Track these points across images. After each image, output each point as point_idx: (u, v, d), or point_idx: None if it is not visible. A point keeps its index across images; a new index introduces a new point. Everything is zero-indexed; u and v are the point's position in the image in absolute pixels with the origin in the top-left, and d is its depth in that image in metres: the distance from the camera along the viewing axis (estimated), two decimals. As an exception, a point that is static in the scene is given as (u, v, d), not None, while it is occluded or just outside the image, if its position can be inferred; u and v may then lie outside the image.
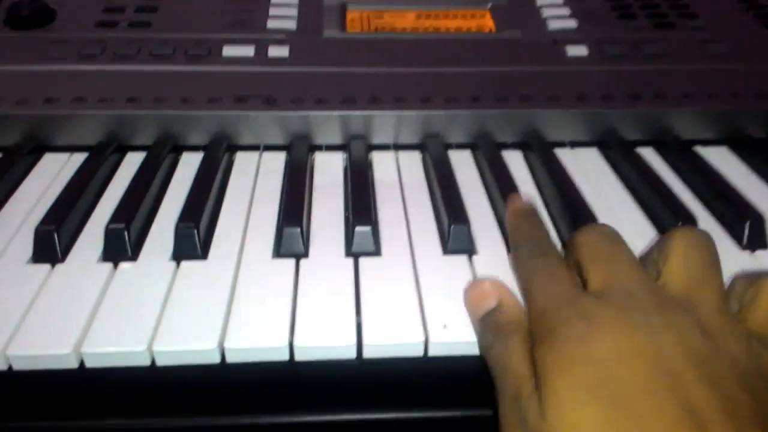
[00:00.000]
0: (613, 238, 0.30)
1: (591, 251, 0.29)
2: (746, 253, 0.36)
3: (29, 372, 0.29)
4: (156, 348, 0.29)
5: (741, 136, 0.46)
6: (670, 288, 0.26)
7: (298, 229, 0.35)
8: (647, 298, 0.25)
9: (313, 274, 0.33)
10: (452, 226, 0.36)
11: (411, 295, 0.32)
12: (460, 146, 0.47)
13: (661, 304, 0.25)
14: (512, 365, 0.26)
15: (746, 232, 0.36)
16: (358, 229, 0.35)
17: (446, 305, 0.31)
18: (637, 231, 0.37)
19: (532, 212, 0.35)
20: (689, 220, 0.36)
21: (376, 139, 0.46)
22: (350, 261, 0.34)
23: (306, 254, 0.35)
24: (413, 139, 0.46)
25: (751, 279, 0.28)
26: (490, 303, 0.29)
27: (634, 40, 0.52)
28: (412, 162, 0.45)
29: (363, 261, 0.34)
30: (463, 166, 0.44)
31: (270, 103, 0.44)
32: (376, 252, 0.35)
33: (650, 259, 0.29)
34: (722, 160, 0.45)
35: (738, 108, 0.45)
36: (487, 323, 0.29)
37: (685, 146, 0.45)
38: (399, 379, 0.30)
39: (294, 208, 0.37)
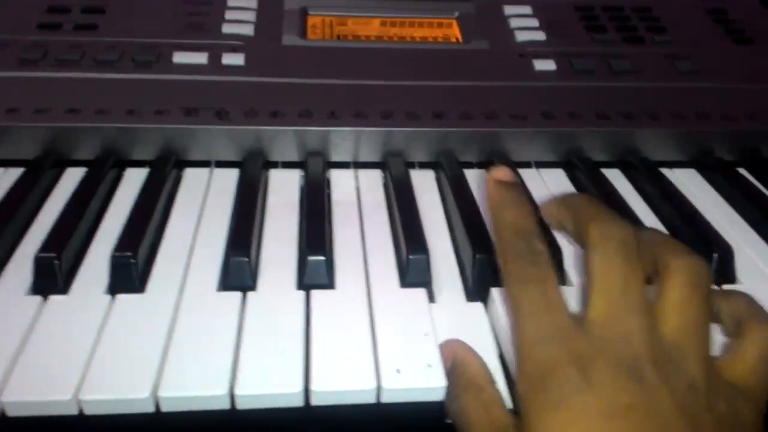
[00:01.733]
0: (630, 252, 0.27)
1: (604, 272, 0.26)
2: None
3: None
4: (83, 397, 0.26)
5: (709, 159, 0.45)
6: (663, 330, 0.25)
7: (246, 259, 0.32)
8: (644, 349, 0.25)
9: (260, 309, 0.31)
10: (410, 257, 0.34)
11: (364, 335, 0.30)
12: (423, 165, 0.45)
13: (656, 357, 0.24)
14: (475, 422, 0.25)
15: (714, 264, 0.35)
16: (310, 258, 0.33)
17: (402, 345, 0.29)
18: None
19: (516, 185, 0.32)
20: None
21: (335, 156, 0.44)
22: (302, 294, 0.32)
23: (253, 287, 0.32)
24: (374, 157, 0.44)
25: (735, 313, 0.28)
26: (447, 364, 0.29)
27: (603, 55, 0.51)
28: (373, 181, 0.43)
29: (315, 295, 0.32)
30: (425, 187, 0.42)
31: (221, 116, 0.42)
32: (329, 284, 0.33)
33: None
34: (690, 183, 0.44)
35: (705, 129, 0.44)
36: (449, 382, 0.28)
37: (652, 168, 0.44)
38: (351, 427, 0.28)
39: (242, 234, 0.34)
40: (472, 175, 0.43)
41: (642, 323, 0.25)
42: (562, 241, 0.35)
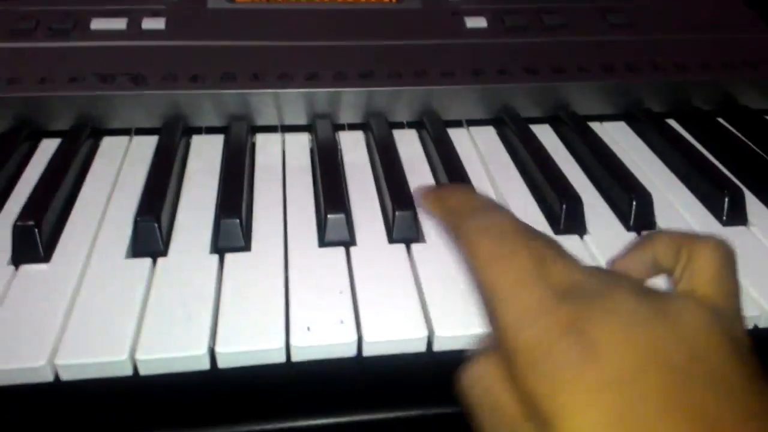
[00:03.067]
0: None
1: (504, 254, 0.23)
2: (632, 235, 0.35)
3: None
4: None
5: (639, 111, 0.45)
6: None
7: (154, 223, 0.32)
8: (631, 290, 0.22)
9: (170, 274, 0.30)
10: (329, 216, 0.33)
11: (277, 295, 0.29)
12: (353, 126, 0.44)
13: (639, 295, 0.22)
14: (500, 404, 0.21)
15: (633, 210, 0.35)
16: (224, 221, 0.32)
17: (315, 303, 0.29)
18: (526, 215, 0.35)
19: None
20: (574, 200, 0.35)
21: (260, 120, 0.43)
22: (215, 258, 0.31)
23: (165, 252, 0.32)
24: (301, 120, 0.43)
25: (668, 250, 0.25)
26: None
27: (536, 10, 0.50)
28: (299, 145, 0.42)
29: (228, 257, 0.31)
30: (355, 148, 0.42)
31: (138, 82, 0.40)
32: (245, 247, 0.32)
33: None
34: (619, 135, 0.44)
35: (634, 81, 0.44)
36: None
37: (580, 122, 0.43)
38: (264, 388, 0.28)
39: (152, 199, 0.33)
40: (401, 135, 0.43)
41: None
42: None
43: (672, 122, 0.45)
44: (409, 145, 0.42)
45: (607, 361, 0.20)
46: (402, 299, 0.29)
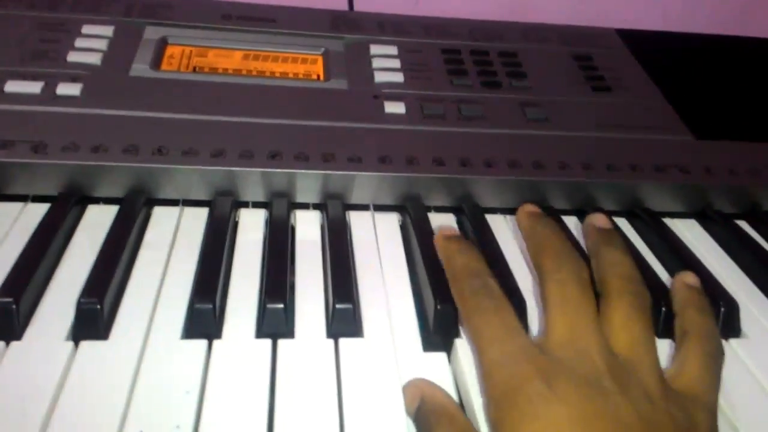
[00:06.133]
0: (582, 280, 0.32)
1: (563, 295, 0.31)
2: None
3: None
4: None
5: (545, 208, 0.45)
6: (615, 346, 0.29)
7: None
8: (602, 364, 0.27)
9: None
10: (195, 306, 0.33)
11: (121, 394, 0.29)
12: (256, 205, 0.44)
13: (614, 371, 0.27)
14: None
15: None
16: (82, 306, 0.32)
17: (155, 403, 0.28)
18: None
19: (461, 237, 0.37)
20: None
21: (161, 194, 0.42)
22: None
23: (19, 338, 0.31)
24: (202, 196, 0.43)
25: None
26: (412, 405, 0.29)
27: (458, 99, 0.51)
28: (196, 222, 0.42)
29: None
30: (251, 228, 0.42)
31: (38, 150, 0.40)
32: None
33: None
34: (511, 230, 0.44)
35: (538, 178, 0.45)
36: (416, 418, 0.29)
37: (478, 215, 0.44)
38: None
39: (22, 275, 0.33)
40: (303, 216, 0.43)
41: (598, 341, 0.29)
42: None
43: (572, 219, 0.46)
44: (310, 225, 0.42)
45: (569, 405, 0.25)
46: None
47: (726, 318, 0.37)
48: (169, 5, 0.57)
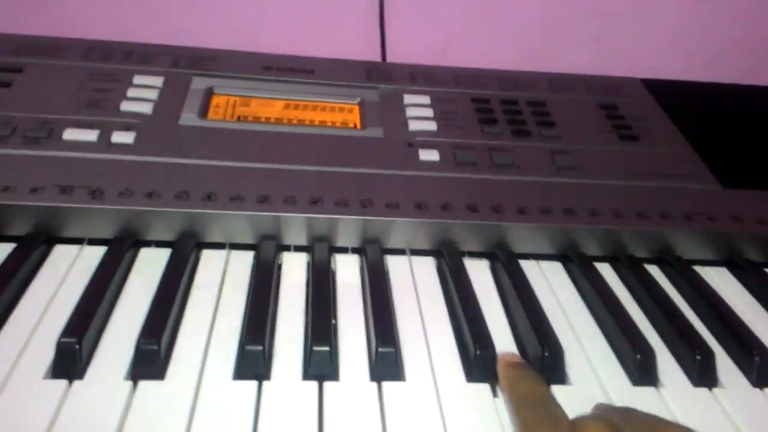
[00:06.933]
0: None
1: None
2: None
3: None
4: None
5: (577, 254, 0.47)
6: None
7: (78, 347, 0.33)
8: None
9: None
10: (245, 347, 0.34)
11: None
12: (299, 249, 0.46)
13: None
14: None
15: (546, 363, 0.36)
16: (141, 347, 0.34)
17: None
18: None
19: (524, 364, 0.36)
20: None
21: (210, 238, 0.45)
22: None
23: (81, 378, 0.33)
24: (247, 239, 0.45)
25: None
26: None
27: (489, 148, 0.53)
28: (241, 265, 0.44)
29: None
30: (294, 271, 0.43)
31: (95, 195, 0.43)
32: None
33: None
34: (553, 276, 0.45)
35: (570, 225, 0.46)
36: None
37: (513, 261, 0.45)
38: None
39: (83, 316, 0.35)
40: (342, 260, 0.45)
41: None
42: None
43: (604, 266, 0.47)
44: (350, 268, 0.44)
45: None
46: None
47: (759, 369, 0.38)
48: (214, 57, 0.60)
